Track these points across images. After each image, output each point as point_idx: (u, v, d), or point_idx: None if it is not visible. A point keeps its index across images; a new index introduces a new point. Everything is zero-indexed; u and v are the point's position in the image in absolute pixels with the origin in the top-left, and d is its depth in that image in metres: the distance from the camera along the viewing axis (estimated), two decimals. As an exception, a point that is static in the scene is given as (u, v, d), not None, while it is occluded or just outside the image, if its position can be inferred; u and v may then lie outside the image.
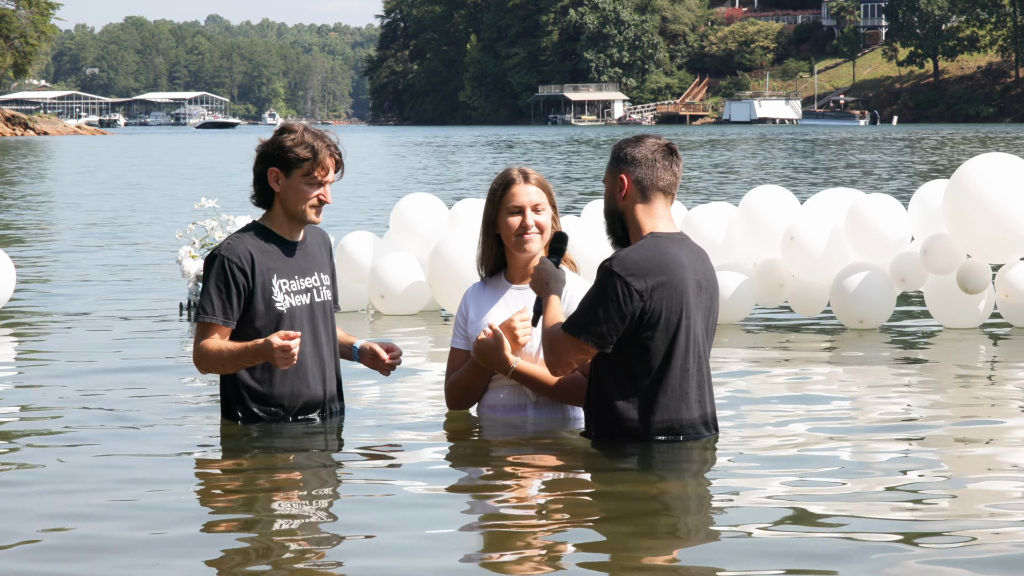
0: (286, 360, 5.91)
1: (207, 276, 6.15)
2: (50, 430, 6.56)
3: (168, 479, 5.61)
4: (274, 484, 5.52)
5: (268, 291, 6.15)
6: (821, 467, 5.77)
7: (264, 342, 5.93)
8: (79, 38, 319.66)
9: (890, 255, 9.86)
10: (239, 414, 6.25)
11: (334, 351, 6.38)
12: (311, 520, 5.02)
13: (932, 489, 5.39)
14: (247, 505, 5.22)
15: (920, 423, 6.75)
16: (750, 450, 6.07)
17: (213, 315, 6.09)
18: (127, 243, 18.66)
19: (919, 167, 40.84)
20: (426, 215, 10.95)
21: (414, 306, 10.84)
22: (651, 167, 5.74)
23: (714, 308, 5.84)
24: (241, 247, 6.15)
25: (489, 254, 6.31)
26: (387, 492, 5.41)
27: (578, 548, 4.60)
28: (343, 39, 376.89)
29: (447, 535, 4.78)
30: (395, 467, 5.85)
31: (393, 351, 6.35)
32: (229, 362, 6.06)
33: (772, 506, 5.13)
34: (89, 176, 41.40)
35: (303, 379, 6.25)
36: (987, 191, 9.40)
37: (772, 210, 10.13)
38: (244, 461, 5.86)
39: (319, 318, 6.28)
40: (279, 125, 6.36)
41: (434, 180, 36.69)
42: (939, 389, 7.86)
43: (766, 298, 10.28)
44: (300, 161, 6.12)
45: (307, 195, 6.15)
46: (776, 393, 7.63)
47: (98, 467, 5.80)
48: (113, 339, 9.66)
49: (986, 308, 9.93)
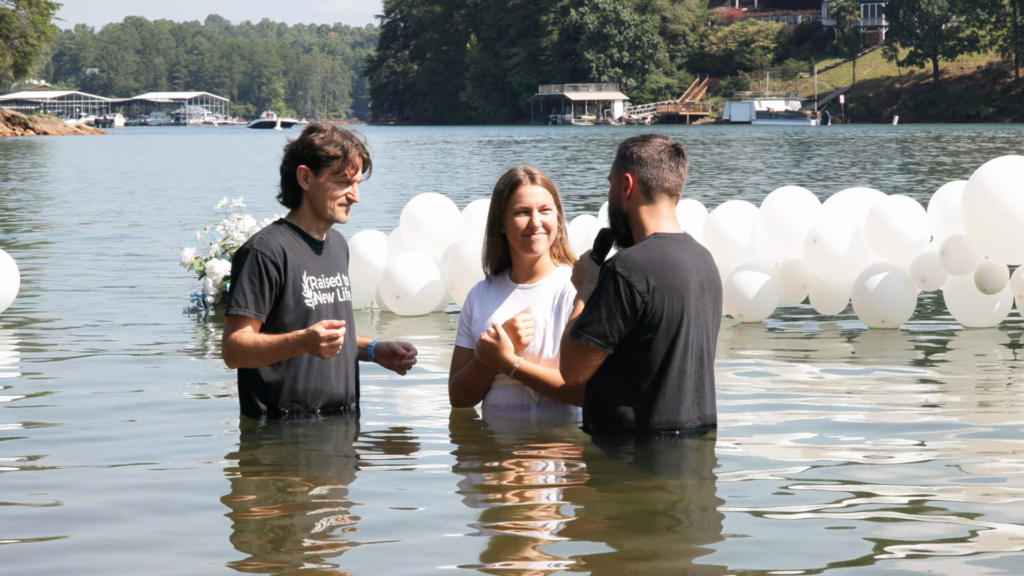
0: (332, 349, 5.93)
1: (239, 269, 6.16)
2: (57, 428, 6.58)
3: (183, 479, 5.61)
4: (282, 479, 5.53)
5: (299, 287, 6.17)
6: (835, 465, 5.77)
7: (308, 332, 5.95)
8: (79, 38, 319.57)
9: (910, 256, 9.88)
10: (263, 408, 6.26)
11: (355, 350, 6.42)
12: (317, 515, 5.02)
13: (947, 490, 5.37)
14: (258, 500, 5.23)
15: (936, 423, 6.75)
16: (767, 447, 6.07)
17: (246, 308, 6.11)
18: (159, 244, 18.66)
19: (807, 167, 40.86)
20: (437, 215, 10.95)
21: (428, 306, 10.85)
22: (657, 167, 5.74)
23: (718, 309, 5.83)
24: (274, 242, 6.18)
25: (495, 253, 6.33)
26: (393, 488, 5.42)
27: (581, 546, 4.60)
28: (343, 39, 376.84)
29: (450, 535, 4.77)
30: (403, 464, 5.86)
31: (410, 350, 6.39)
32: (264, 354, 6.08)
33: (783, 504, 5.12)
34: (139, 178, 41.36)
35: (326, 377, 6.27)
36: (1005, 193, 9.43)
37: (794, 211, 10.15)
38: (258, 457, 5.89)
39: (343, 317, 6.31)
40: (307, 125, 6.38)
41: (434, 180, 36.70)
42: (956, 388, 7.86)
43: (788, 298, 10.30)
44: (330, 159, 6.15)
45: (336, 194, 6.18)
46: (795, 391, 7.64)
47: (112, 466, 5.79)
48: (119, 342, 9.63)
49: (1004, 308, 9.95)
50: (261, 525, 4.91)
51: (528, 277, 6.28)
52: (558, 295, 6.23)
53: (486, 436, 6.24)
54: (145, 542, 4.69)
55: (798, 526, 4.85)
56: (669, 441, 5.74)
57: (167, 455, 5.97)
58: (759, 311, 10.17)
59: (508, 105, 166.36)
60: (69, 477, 5.62)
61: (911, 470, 5.71)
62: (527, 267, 6.28)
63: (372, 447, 6.14)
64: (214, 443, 6.23)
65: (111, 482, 5.50)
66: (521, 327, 6.11)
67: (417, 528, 4.83)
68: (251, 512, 5.10)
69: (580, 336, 5.64)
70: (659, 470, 5.54)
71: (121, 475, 5.62)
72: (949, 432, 6.51)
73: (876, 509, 5.06)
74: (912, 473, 5.65)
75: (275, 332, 6.11)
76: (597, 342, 5.62)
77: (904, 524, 4.86)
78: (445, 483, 5.53)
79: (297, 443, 6.04)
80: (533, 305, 6.22)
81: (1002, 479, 5.59)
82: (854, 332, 10.00)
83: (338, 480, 5.62)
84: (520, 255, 6.25)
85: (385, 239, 11.14)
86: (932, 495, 5.27)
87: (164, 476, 5.60)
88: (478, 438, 6.25)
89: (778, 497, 5.23)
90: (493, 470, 5.68)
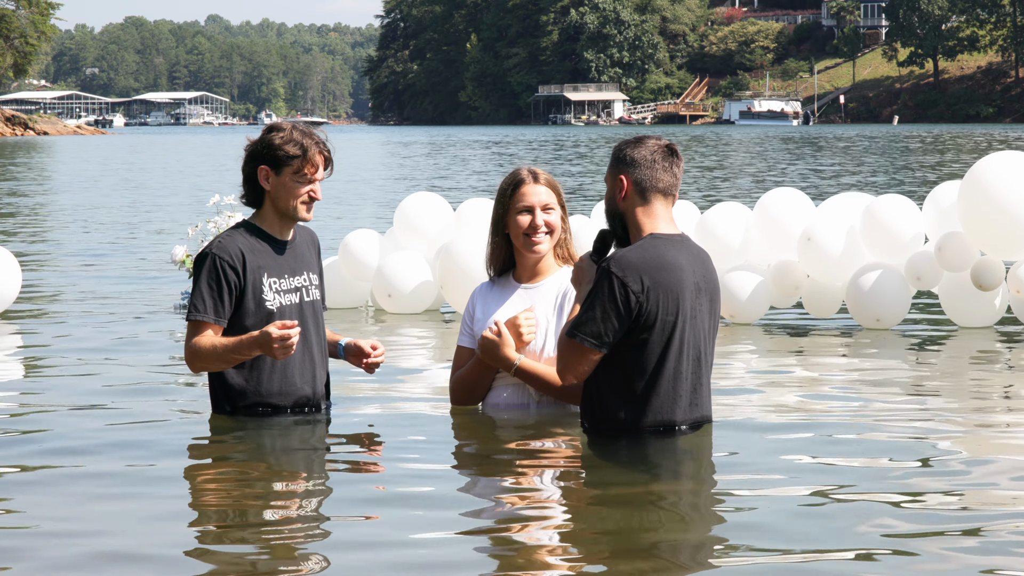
0: (284, 350, 5.93)
1: (198, 274, 6.18)
2: (48, 427, 6.58)
3: (162, 475, 5.63)
4: (263, 480, 5.52)
5: (259, 289, 6.18)
6: (831, 465, 5.76)
7: (261, 333, 5.96)
8: (79, 38, 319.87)
9: (905, 255, 9.86)
10: (228, 412, 6.28)
11: (323, 350, 6.41)
12: (307, 519, 5.01)
13: (944, 489, 5.36)
14: (240, 503, 5.21)
15: (933, 422, 6.74)
16: (762, 447, 6.06)
17: (205, 313, 6.12)
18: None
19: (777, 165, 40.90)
20: (430, 214, 10.95)
21: (421, 305, 10.84)
22: (651, 168, 5.75)
23: (715, 310, 5.82)
24: (232, 245, 6.18)
25: (499, 254, 6.33)
26: (387, 487, 5.41)
27: (578, 547, 4.60)
28: (343, 39, 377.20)
29: (447, 534, 4.76)
30: (396, 464, 5.83)
31: (377, 349, 6.37)
32: (223, 357, 6.09)
33: (780, 503, 5.13)
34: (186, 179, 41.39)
35: (291, 377, 6.27)
36: (1001, 189, 9.43)
37: (788, 212, 10.13)
38: (237, 456, 5.88)
39: (308, 317, 6.31)
40: (267, 124, 6.39)
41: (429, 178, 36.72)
42: (952, 388, 7.85)
43: (781, 299, 10.27)
44: (290, 159, 6.17)
45: (298, 192, 6.19)
46: (789, 392, 7.63)
47: (92, 466, 5.80)
48: (111, 338, 9.66)
49: (1000, 306, 9.94)
50: (235, 530, 4.88)
51: (531, 277, 6.29)
52: (560, 295, 6.24)
53: (483, 435, 6.23)
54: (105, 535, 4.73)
55: (795, 526, 4.84)
56: (664, 440, 5.73)
57: (143, 448, 6.02)
58: (751, 312, 10.15)
59: (508, 105, 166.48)
60: (45, 472, 5.65)
61: (906, 470, 5.70)
62: (530, 267, 6.28)
63: (355, 448, 6.12)
64: (185, 442, 6.21)
65: (81, 479, 5.54)
66: (523, 325, 6.12)
67: (415, 528, 4.81)
68: (219, 516, 5.07)
69: (575, 336, 5.65)
70: (654, 470, 5.54)
71: (98, 474, 5.64)
72: (944, 431, 6.50)
73: (874, 508, 5.04)
74: (908, 472, 5.64)
75: (237, 335, 6.11)
76: (592, 342, 5.63)
77: (902, 524, 4.85)
78: (442, 483, 5.50)
79: (263, 445, 6.02)
80: (535, 304, 6.23)
81: (997, 479, 5.58)
82: (848, 331, 9.98)
83: (315, 479, 5.60)
84: (523, 255, 6.26)
85: (379, 238, 11.14)
86: (928, 495, 5.26)
87: (132, 471, 5.64)
88: (475, 438, 6.24)
89: (775, 496, 5.22)
90: (490, 470, 5.68)
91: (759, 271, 10.19)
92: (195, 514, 5.07)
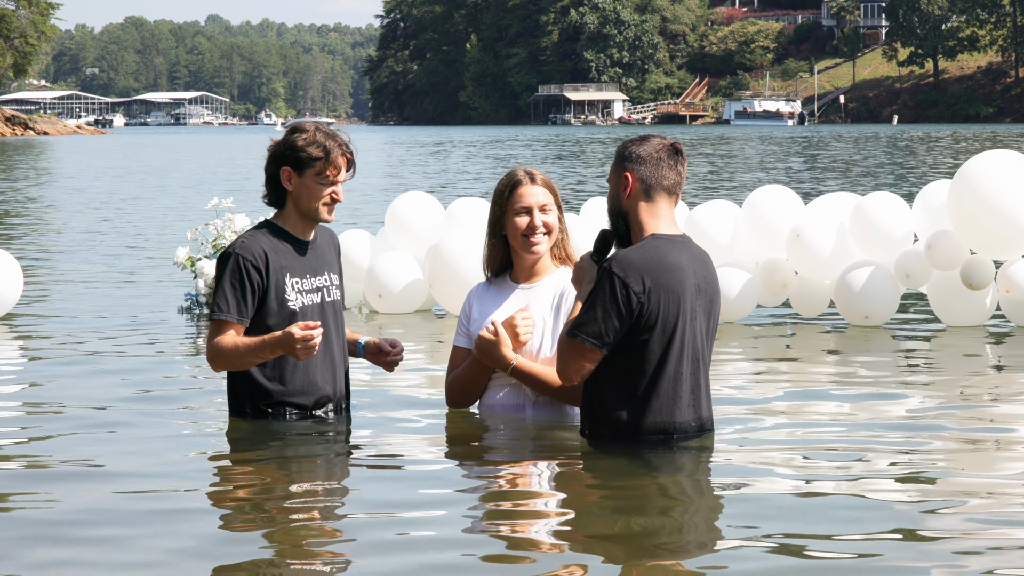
0: (307, 350, 5.95)
1: (221, 274, 6.18)
2: (55, 433, 6.59)
3: (177, 475, 5.65)
4: (273, 480, 5.55)
5: (281, 289, 6.19)
6: (822, 464, 5.78)
7: (284, 333, 5.96)
8: (79, 38, 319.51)
9: (894, 252, 9.90)
10: (248, 411, 6.29)
11: (343, 350, 6.43)
12: (308, 516, 5.04)
13: (936, 489, 5.39)
14: (251, 502, 5.24)
15: (923, 421, 6.76)
16: (751, 448, 6.07)
17: (228, 312, 6.13)
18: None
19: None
20: (422, 214, 10.98)
21: (411, 305, 10.87)
22: (656, 166, 5.73)
23: (715, 311, 5.82)
24: (255, 245, 6.20)
25: (496, 255, 6.34)
26: (384, 488, 5.43)
27: (575, 548, 4.61)
28: (343, 39, 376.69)
29: (441, 535, 4.78)
30: (392, 464, 5.86)
31: (396, 347, 6.41)
32: (246, 356, 6.10)
33: (773, 504, 5.15)
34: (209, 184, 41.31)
35: (313, 377, 6.29)
36: (991, 187, 9.46)
37: (776, 209, 10.16)
38: (250, 458, 5.90)
39: (329, 317, 6.33)
40: (289, 125, 6.41)
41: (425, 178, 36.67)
42: (942, 387, 7.86)
43: (769, 297, 10.31)
44: (312, 160, 6.17)
45: (320, 194, 6.20)
46: (779, 391, 7.64)
47: (104, 466, 5.83)
48: (116, 341, 9.64)
49: (990, 306, 9.97)
50: (245, 530, 4.92)
51: (528, 278, 6.29)
52: (557, 295, 6.24)
53: (479, 437, 6.24)
54: (127, 539, 4.73)
55: (793, 525, 4.86)
56: (664, 443, 5.73)
57: (155, 453, 6.01)
58: (739, 310, 10.19)
59: (508, 105, 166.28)
60: (61, 475, 5.67)
61: (899, 468, 5.73)
62: (528, 268, 6.29)
63: (363, 446, 6.15)
64: (201, 443, 6.24)
65: (100, 481, 5.54)
66: (520, 325, 6.13)
67: (412, 527, 4.85)
68: (229, 516, 5.11)
69: (576, 336, 5.64)
70: (654, 472, 5.53)
71: (108, 475, 5.65)
72: (934, 428, 6.54)
73: (870, 508, 5.06)
74: (901, 471, 5.67)
75: (260, 335, 6.12)
76: (592, 342, 5.62)
77: (901, 522, 4.87)
78: (438, 483, 5.53)
79: (285, 443, 6.05)
80: (532, 304, 6.22)
81: (986, 477, 5.61)
82: (836, 329, 10.02)
83: (326, 480, 5.63)
84: (521, 256, 6.26)
85: (370, 238, 11.17)
86: (922, 492, 5.29)
87: (150, 474, 5.64)
88: (471, 439, 6.25)
89: (770, 498, 5.24)
90: (487, 472, 5.69)
91: (747, 269, 10.23)
92: (204, 515, 5.09)
